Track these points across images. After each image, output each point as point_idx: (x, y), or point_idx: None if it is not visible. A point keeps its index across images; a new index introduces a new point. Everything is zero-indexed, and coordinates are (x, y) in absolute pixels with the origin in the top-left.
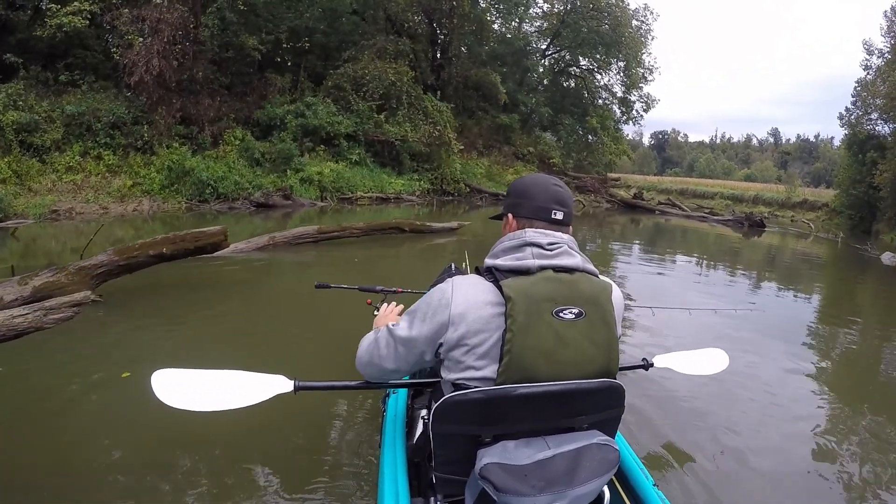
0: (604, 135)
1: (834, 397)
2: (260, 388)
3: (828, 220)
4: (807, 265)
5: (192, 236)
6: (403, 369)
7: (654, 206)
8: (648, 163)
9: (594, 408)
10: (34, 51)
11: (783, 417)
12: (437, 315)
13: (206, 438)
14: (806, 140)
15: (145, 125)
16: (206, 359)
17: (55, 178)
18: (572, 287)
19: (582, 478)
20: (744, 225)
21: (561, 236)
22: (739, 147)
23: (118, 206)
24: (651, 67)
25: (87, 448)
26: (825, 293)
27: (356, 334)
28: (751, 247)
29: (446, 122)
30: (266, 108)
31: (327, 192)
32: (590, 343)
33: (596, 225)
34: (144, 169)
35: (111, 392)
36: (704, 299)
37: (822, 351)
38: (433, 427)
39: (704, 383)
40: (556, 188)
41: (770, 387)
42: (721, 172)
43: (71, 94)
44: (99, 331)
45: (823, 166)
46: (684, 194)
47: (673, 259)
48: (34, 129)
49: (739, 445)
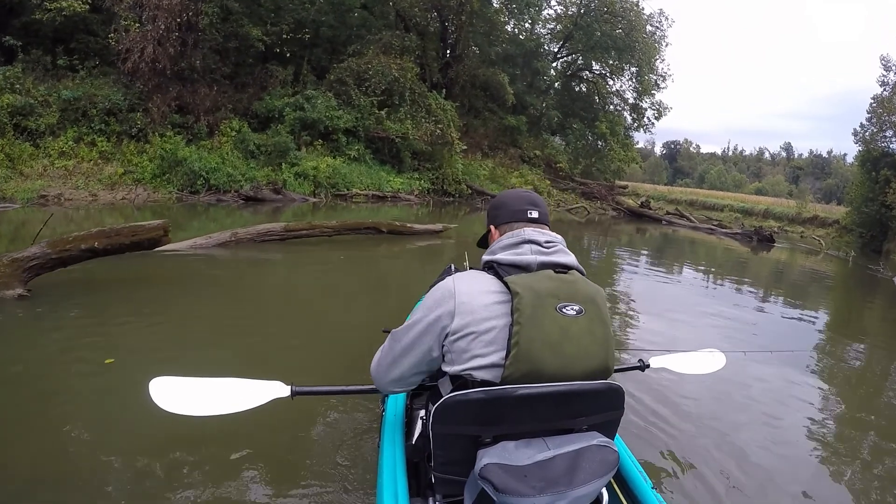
0: (613, 141)
1: (836, 409)
2: (256, 393)
3: (838, 237)
4: (816, 283)
5: (129, 230)
6: (411, 373)
7: (661, 215)
8: (659, 172)
9: (594, 409)
10: (38, 34)
11: (783, 424)
12: (442, 306)
13: (200, 439)
14: (818, 155)
15: (139, 112)
16: (148, 362)
17: (47, 162)
18: (572, 286)
19: (581, 479)
20: (752, 239)
21: (555, 235)
22: (751, 160)
23: (108, 193)
24: (664, 74)
25: (80, 450)
26: (833, 312)
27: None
28: (759, 262)
29: (450, 121)
30: (265, 100)
31: (322, 188)
32: (591, 338)
33: (601, 232)
34: (137, 157)
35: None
36: (712, 316)
37: (828, 368)
38: (433, 427)
39: (703, 387)
40: (526, 193)
41: (771, 394)
42: (732, 185)
43: (70, 78)
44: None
45: (835, 182)
46: (694, 205)
47: (680, 271)
48: (29, 112)
49: (737, 449)
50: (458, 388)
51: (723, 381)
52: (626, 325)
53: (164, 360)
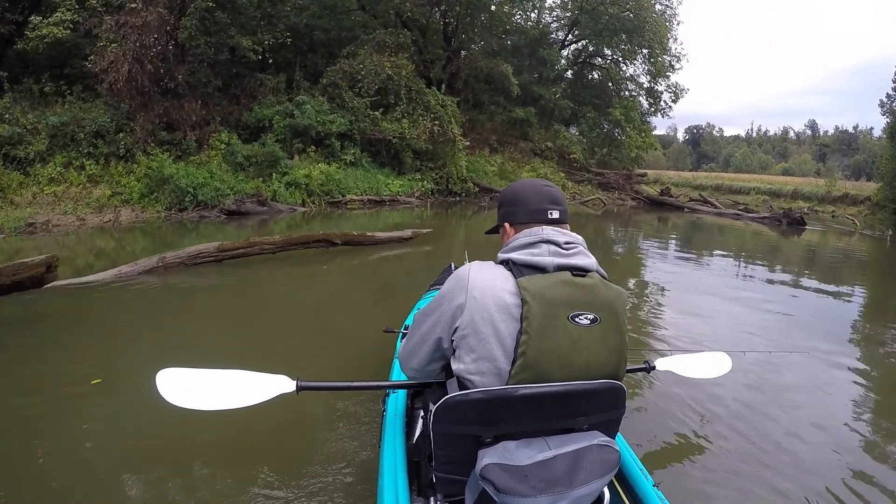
0: (629, 127)
1: (858, 408)
2: (263, 387)
3: (871, 214)
4: (854, 267)
5: (10, 269)
6: (428, 362)
7: (683, 202)
8: (683, 158)
9: (595, 409)
10: (23, 63)
11: (785, 424)
12: (454, 298)
13: (202, 435)
14: (844, 131)
15: (121, 133)
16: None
17: (36, 189)
18: (589, 292)
19: (582, 478)
20: (782, 223)
21: (576, 236)
22: (776, 140)
23: (96, 216)
24: (678, 55)
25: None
26: (870, 295)
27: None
28: (791, 246)
29: (451, 117)
30: (255, 110)
31: (315, 196)
32: (602, 349)
33: (621, 224)
34: (125, 178)
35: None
36: (742, 309)
37: (854, 359)
38: (434, 427)
39: (705, 386)
40: (546, 189)
41: (773, 394)
42: (758, 167)
43: (58, 104)
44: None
45: (864, 158)
46: (720, 190)
47: (708, 261)
48: (18, 141)
49: (739, 448)
50: (466, 384)
51: (726, 379)
52: (644, 324)
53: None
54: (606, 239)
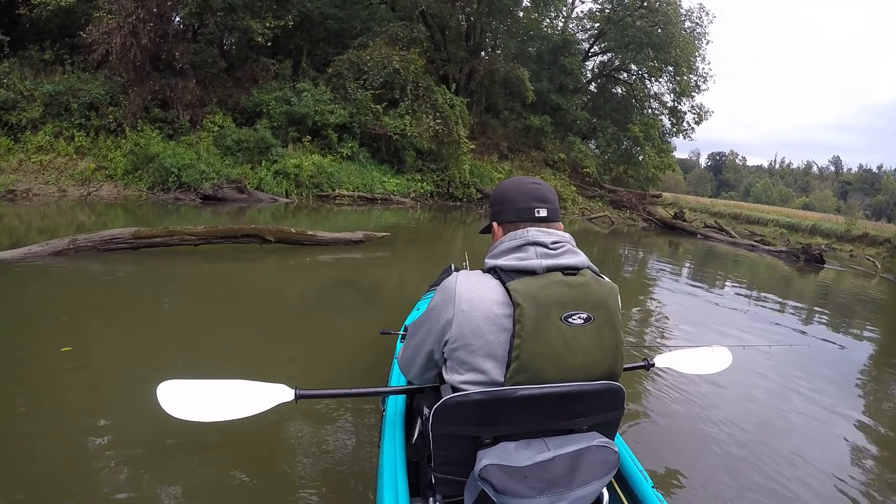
0: (647, 146)
1: (847, 413)
2: (262, 397)
3: (889, 257)
4: (873, 308)
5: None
6: (424, 371)
7: (696, 228)
8: (704, 184)
9: (594, 410)
10: (33, 31)
11: (786, 424)
12: (443, 312)
13: (201, 439)
14: (868, 170)
15: (111, 107)
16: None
17: (23, 157)
18: (581, 290)
19: (581, 479)
20: (799, 259)
21: (563, 234)
22: (798, 174)
23: (77, 189)
24: (705, 75)
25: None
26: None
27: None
28: (809, 285)
29: (458, 118)
30: (253, 94)
31: (304, 188)
32: (598, 347)
33: (630, 245)
34: (112, 152)
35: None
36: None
37: (855, 359)
38: (433, 428)
39: (705, 385)
40: (533, 186)
41: (773, 394)
42: (778, 199)
43: (57, 73)
44: None
45: (886, 199)
46: (738, 219)
47: (720, 290)
48: (12, 107)
49: (739, 448)
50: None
51: (725, 379)
52: (642, 326)
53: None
54: (628, 258)
